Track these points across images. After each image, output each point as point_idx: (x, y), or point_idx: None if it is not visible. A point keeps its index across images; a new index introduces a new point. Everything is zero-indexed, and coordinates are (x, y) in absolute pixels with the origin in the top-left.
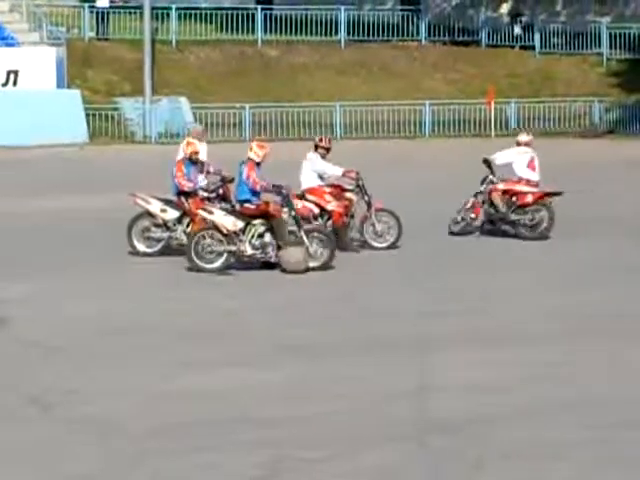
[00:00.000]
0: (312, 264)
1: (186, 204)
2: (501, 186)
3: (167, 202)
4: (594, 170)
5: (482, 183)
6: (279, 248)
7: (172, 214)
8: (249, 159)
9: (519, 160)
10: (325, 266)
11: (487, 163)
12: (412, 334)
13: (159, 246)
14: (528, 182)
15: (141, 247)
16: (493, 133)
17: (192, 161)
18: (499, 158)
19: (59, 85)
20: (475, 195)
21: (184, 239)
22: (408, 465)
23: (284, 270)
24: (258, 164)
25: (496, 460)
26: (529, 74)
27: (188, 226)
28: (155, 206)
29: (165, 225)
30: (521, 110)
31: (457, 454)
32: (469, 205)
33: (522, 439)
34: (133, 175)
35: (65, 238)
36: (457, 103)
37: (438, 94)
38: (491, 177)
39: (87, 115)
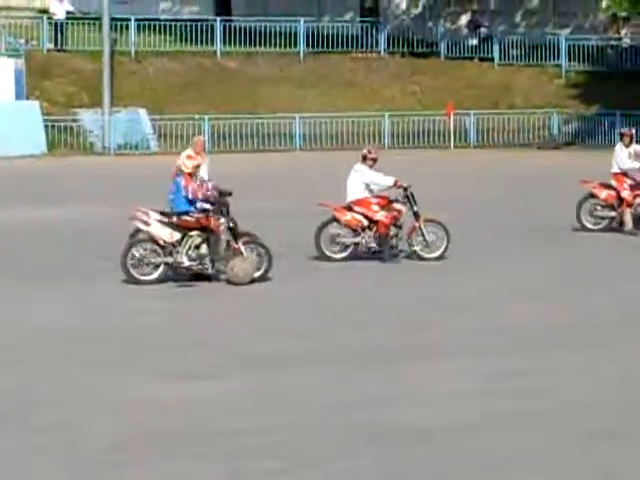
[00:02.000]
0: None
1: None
2: None
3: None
4: (546, 182)
5: None
6: (213, 262)
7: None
8: (182, 171)
9: None
10: (263, 277)
11: None
12: (378, 345)
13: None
14: None
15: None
16: (452, 144)
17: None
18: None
19: (18, 96)
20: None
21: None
22: (365, 477)
23: (230, 282)
24: (191, 175)
25: (462, 470)
26: (488, 86)
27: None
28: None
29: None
30: (480, 122)
31: (416, 466)
32: None
33: (485, 450)
34: (91, 187)
35: (25, 249)
36: (416, 114)
37: (397, 105)
38: None
39: (46, 126)
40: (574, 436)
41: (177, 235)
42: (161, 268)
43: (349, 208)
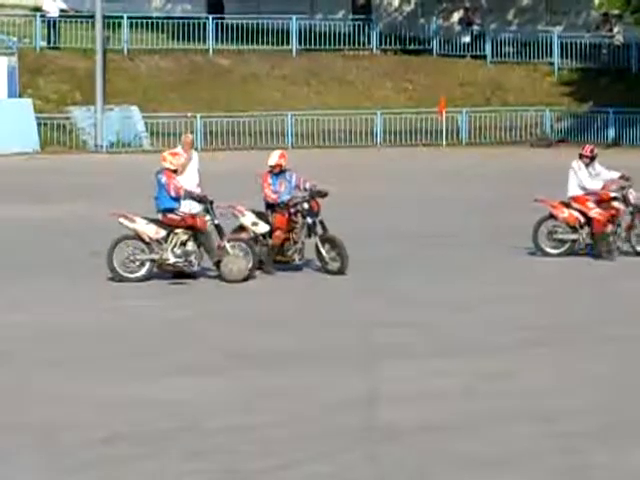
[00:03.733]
0: None
1: (270, 217)
2: None
3: (259, 215)
4: (535, 179)
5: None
6: (199, 259)
7: (264, 227)
8: (165, 169)
9: None
10: (249, 275)
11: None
12: (363, 343)
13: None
14: None
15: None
16: (444, 142)
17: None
18: None
19: (10, 94)
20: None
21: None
22: (356, 475)
23: (223, 279)
24: (175, 171)
25: (444, 470)
26: (480, 83)
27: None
28: (248, 219)
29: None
30: (472, 119)
31: (406, 464)
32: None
33: (470, 449)
34: (84, 184)
35: (14, 246)
36: (408, 112)
37: (389, 103)
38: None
39: (39, 124)
40: (555, 436)
41: (162, 232)
42: (147, 265)
43: (567, 205)
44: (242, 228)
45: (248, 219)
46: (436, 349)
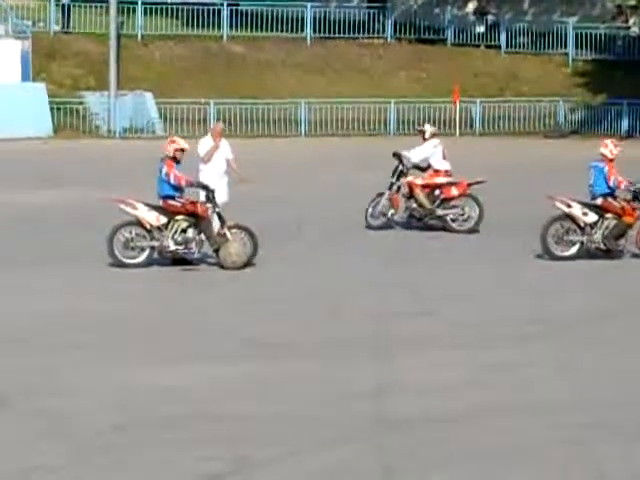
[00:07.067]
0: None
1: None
2: (419, 180)
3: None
4: (545, 171)
5: (394, 176)
6: (199, 246)
7: (593, 217)
8: (166, 156)
9: (436, 152)
10: (248, 262)
11: (398, 156)
12: (372, 334)
13: None
14: (446, 173)
15: None
16: (458, 132)
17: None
18: (415, 156)
19: (24, 78)
20: (390, 188)
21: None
22: (364, 465)
23: (223, 266)
24: (175, 160)
25: (452, 461)
26: (494, 73)
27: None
28: (577, 209)
29: None
30: (486, 109)
31: (413, 454)
32: (387, 199)
33: (478, 440)
34: (96, 170)
35: (29, 232)
36: (422, 101)
37: (403, 92)
38: (401, 168)
39: (52, 109)
40: (561, 428)
41: (163, 219)
42: (147, 252)
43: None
44: (569, 218)
45: (577, 210)
46: (443, 340)
